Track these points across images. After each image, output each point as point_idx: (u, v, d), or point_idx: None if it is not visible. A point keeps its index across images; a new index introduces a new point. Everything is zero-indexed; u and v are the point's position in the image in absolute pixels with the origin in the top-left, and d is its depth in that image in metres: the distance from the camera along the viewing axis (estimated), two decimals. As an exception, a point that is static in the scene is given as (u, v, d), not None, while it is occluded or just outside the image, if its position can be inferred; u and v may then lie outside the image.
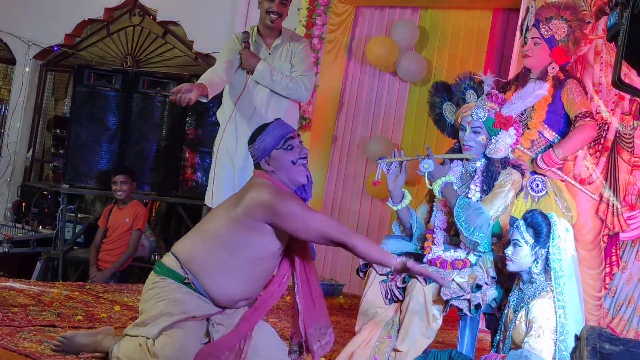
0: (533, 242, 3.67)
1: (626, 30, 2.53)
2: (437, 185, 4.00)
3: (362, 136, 7.08)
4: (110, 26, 9.36)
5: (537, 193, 4.73)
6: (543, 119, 4.75)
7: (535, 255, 3.67)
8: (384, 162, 4.15)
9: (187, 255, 3.62)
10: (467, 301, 3.76)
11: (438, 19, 6.88)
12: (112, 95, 7.55)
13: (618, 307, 5.25)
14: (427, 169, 4.00)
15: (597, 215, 5.27)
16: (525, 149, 4.76)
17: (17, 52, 9.76)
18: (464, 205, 3.89)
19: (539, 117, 4.74)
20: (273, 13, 5.34)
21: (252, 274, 3.64)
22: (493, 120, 4.02)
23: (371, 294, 3.99)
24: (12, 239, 8.08)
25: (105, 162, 7.47)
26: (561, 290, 3.59)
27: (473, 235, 3.85)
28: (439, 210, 4.13)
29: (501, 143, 4.02)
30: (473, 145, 4.06)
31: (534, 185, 4.75)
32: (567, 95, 4.76)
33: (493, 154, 4.03)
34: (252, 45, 5.44)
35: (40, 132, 9.89)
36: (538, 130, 4.76)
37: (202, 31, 8.35)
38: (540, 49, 4.78)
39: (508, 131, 4.02)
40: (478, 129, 4.05)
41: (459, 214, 3.88)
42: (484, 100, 4.07)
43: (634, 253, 5.26)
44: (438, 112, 4.30)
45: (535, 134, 4.75)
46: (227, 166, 5.49)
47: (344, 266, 6.97)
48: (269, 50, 5.45)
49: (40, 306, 4.73)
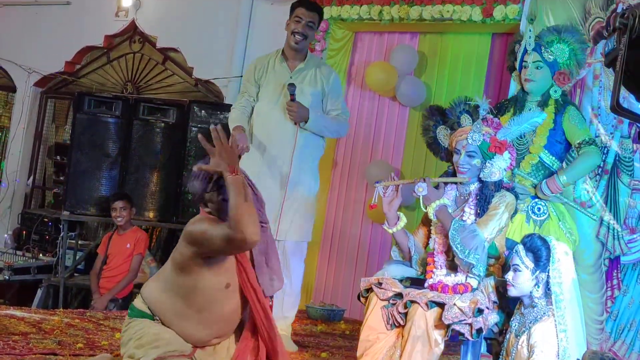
0: (533, 266, 3.67)
1: (624, 55, 2.54)
2: (432, 208, 4.03)
3: (362, 161, 7.09)
4: (110, 53, 9.41)
5: (539, 217, 4.72)
6: (544, 144, 4.75)
7: (536, 280, 3.67)
8: (380, 185, 4.19)
9: (150, 298, 3.61)
10: (468, 325, 3.76)
11: (437, 44, 6.90)
12: (112, 122, 7.56)
13: (620, 331, 5.24)
14: (421, 192, 4.05)
15: (598, 238, 5.27)
16: (526, 173, 4.76)
17: (18, 79, 9.79)
18: (459, 228, 3.91)
19: (540, 141, 4.74)
20: (298, 34, 5.20)
21: (211, 319, 3.57)
22: (488, 145, 4.05)
23: (373, 320, 3.98)
24: (13, 266, 8.06)
25: (106, 189, 7.47)
26: (562, 314, 3.59)
27: (468, 257, 3.86)
28: (437, 233, 4.14)
29: (495, 167, 4.05)
30: (468, 168, 4.09)
31: (536, 209, 4.74)
32: (568, 121, 4.75)
33: (487, 177, 4.07)
34: (276, 67, 5.32)
35: (41, 159, 9.90)
36: (539, 155, 4.76)
37: (202, 58, 8.38)
38: (542, 73, 4.77)
39: (503, 155, 4.06)
40: (473, 153, 4.08)
41: (454, 237, 3.90)
42: (480, 125, 4.10)
43: (635, 276, 5.26)
44: (432, 135, 4.35)
45: (536, 159, 4.75)
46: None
47: (345, 291, 6.95)
48: (291, 73, 5.28)
49: (41, 334, 4.72)
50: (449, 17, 6.48)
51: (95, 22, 9.20)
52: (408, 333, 3.80)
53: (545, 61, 4.76)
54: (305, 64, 5.28)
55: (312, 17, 5.26)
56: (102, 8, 9.19)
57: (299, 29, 5.21)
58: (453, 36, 6.80)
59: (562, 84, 4.79)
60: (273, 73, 5.29)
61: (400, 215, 4.18)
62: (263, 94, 5.28)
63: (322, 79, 5.27)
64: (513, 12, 6.09)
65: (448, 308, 3.77)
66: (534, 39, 4.81)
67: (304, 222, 5.24)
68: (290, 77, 5.22)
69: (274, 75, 5.28)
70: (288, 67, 5.29)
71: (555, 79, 4.77)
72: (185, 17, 8.55)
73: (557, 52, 4.77)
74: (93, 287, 7.01)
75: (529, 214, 4.72)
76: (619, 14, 2.62)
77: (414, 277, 4.19)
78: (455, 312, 3.76)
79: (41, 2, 9.66)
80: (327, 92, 5.27)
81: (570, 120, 4.75)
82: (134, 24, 8.98)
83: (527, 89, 4.82)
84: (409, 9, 6.64)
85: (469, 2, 6.35)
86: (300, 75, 5.26)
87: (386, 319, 3.94)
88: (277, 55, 5.35)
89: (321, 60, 5.51)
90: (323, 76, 5.29)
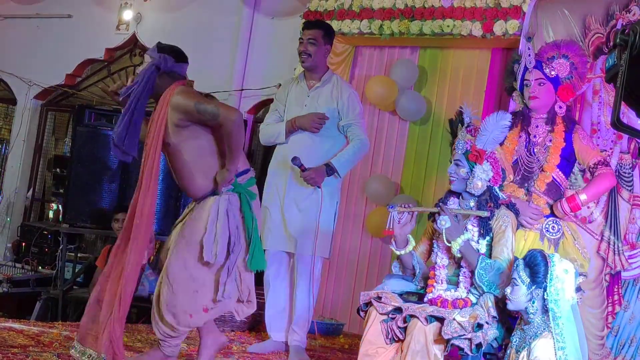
0: (529, 281, 3.66)
1: (624, 71, 2.55)
2: (457, 244, 3.98)
3: (362, 175, 7.09)
4: (111, 66, 9.44)
5: (554, 236, 4.68)
6: (557, 163, 4.71)
7: (531, 295, 3.66)
8: (395, 211, 4.15)
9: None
10: (468, 340, 3.76)
11: (437, 59, 6.91)
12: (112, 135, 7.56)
13: (620, 347, 5.23)
14: (444, 226, 4.00)
15: (599, 254, 5.26)
16: (540, 192, 4.71)
17: (18, 92, 9.83)
18: (487, 268, 3.90)
19: (554, 160, 4.69)
20: (302, 54, 5.33)
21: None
22: (470, 153, 4.07)
23: (372, 334, 3.98)
24: (12, 278, 8.06)
25: (106, 202, 7.47)
26: (560, 331, 3.58)
27: (495, 291, 3.87)
28: (440, 249, 4.13)
29: (477, 177, 4.05)
30: (455, 177, 4.12)
31: (550, 228, 4.69)
32: (579, 142, 4.71)
33: (472, 189, 4.07)
34: (297, 86, 5.44)
35: (41, 172, 9.92)
36: (552, 174, 4.71)
37: (202, 71, 8.37)
38: (545, 89, 4.74)
39: (482, 165, 4.05)
40: (459, 162, 4.10)
41: (482, 275, 3.88)
42: (464, 133, 4.12)
43: (635, 292, 5.25)
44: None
45: (550, 178, 4.71)
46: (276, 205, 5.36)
47: (344, 305, 6.94)
48: (308, 91, 5.38)
49: (39, 347, 4.71)
50: (449, 32, 6.49)
51: (96, 35, 9.24)
52: (407, 347, 3.79)
53: (547, 77, 4.74)
54: (321, 82, 5.38)
55: (312, 33, 5.36)
56: (103, 21, 9.22)
57: (301, 48, 5.36)
58: (453, 51, 6.82)
59: (566, 99, 4.77)
60: (294, 92, 5.44)
61: (409, 239, 4.17)
62: (287, 112, 5.40)
63: (337, 96, 5.33)
64: (513, 27, 6.10)
65: (447, 323, 3.76)
66: (533, 56, 4.80)
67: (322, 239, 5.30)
68: (307, 96, 5.35)
69: (294, 94, 5.43)
70: (306, 85, 5.41)
71: (559, 94, 4.75)
72: (186, 30, 8.57)
73: (558, 67, 4.76)
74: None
75: (543, 232, 4.67)
76: (620, 30, 2.63)
77: (413, 291, 4.19)
78: (454, 327, 3.75)
79: (43, 15, 9.70)
80: (340, 108, 5.31)
81: (581, 141, 4.71)
82: (135, 37, 9.01)
83: (532, 107, 4.77)
84: (409, 24, 6.65)
85: (469, 17, 6.37)
86: (316, 93, 5.36)
87: (385, 333, 3.94)
88: (300, 75, 5.54)
89: (339, 79, 5.51)
90: (338, 93, 5.34)
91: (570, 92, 4.79)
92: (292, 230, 5.23)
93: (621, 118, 2.63)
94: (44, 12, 9.69)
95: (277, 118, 5.45)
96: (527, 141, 4.78)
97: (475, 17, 6.34)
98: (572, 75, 4.78)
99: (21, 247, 9.09)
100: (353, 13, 7.00)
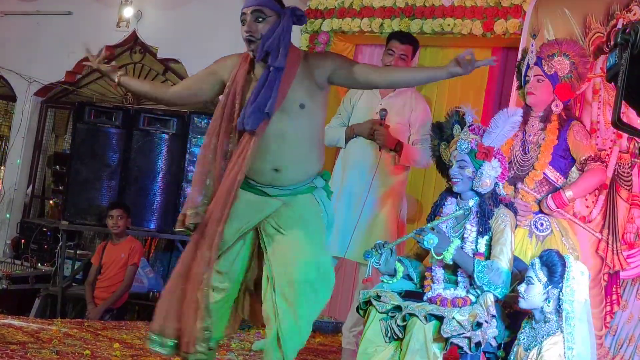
0: (546, 280, 3.68)
1: (625, 71, 2.55)
2: (449, 254, 3.95)
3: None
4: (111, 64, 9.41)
5: (542, 232, 4.70)
6: (549, 161, 4.72)
7: (547, 294, 3.68)
8: (372, 259, 4.08)
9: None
10: (467, 339, 3.75)
11: (437, 58, 6.90)
12: (112, 132, 7.59)
13: (619, 346, 5.23)
14: (432, 245, 3.96)
15: (597, 253, 5.26)
16: (529, 189, 4.73)
17: (18, 88, 9.81)
18: (484, 270, 3.88)
19: (545, 158, 4.70)
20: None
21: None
22: (476, 152, 4.03)
23: (371, 332, 3.97)
24: (11, 275, 8.07)
25: (105, 199, 7.48)
26: (571, 331, 3.61)
27: (496, 291, 3.86)
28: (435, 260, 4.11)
29: (486, 175, 4.02)
30: (460, 179, 4.06)
31: (539, 225, 4.71)
32: (573, 137, 4.73)
33: (479, 187, 4.04)
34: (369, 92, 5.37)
35: (40, 169, 9.91)
36: (543, 172, 4.73)
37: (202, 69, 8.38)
38: (543, 87, 4.77)
39: (491, 162, 4.03)
40: (463, 163, 4.05)
41: (481, 278, 3.86)
42: (467, 132, 4.07)
43: (634, 291, 5.25)
44: (437, 154, 4.30)
45: (540, 175, 4.72)
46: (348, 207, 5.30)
47: (344, 304, 6.93)
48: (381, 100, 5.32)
49: (39, 344, 4.72)
50: (449, 30, 6.50)
51: (96, 32, 9.22)
52: (407, 346, 3.79)
53: (546, 74, 4.76)
54: (395, 93, 5.32)
55: (405, 49, 5.30)
56: (103, 18, 9.22)
57: (390, 61, 5.26)
58: (453, 50, 6.81)
59: (564, 98, 4.78)
60: (365, 98, 5.37)
61: (396, 268, 4.13)
62: (354, 116, 5.36)
63: (410, 108, 5.30)
64: (514, 26, 6.11)
65: (447, 321, 3.76)
66: (535, 53, 4.82)
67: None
68: (380, 104, 5.26)
69: (365, 100, 5.36)
70: (380, 93, 5.33)
71: (557, 92, 4.76)
72: (186, 28, 8.58)
73: (557, 64, 4.77)
74: (87, 297, 7.01)
75: (532, 229, 4.69)
76: (621, 30, 2.64)
77: (412, 290, 4.18)
78: (454, 326, 3.75)
79: (43, 12, 9.68)
80: (412, 121, 5.27)
81: (576, 136, 4.73)
82: (135, 34, 9.00)
83: (529, 103, 4.81)
84: (409, 22, 6.66)
85: (469, 16, 6.37)
86: (389, 102, 5.29)
87: (385, 331, 3.93)
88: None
89: (414, 91, 5.45)
90: (412, 105, 5.31)
91: (569, 91, 4.80)
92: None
93: (621, 118, 2.63)
94: (44, 9, 9.68)
95: (340, 122, 5.40)
96: (523, 140, 4.80)
97: (475, 16, 6.34)
98: (572, 74, 4.79)
99: (20, 243, 9.09)
100: (354, 11, 7.01)
